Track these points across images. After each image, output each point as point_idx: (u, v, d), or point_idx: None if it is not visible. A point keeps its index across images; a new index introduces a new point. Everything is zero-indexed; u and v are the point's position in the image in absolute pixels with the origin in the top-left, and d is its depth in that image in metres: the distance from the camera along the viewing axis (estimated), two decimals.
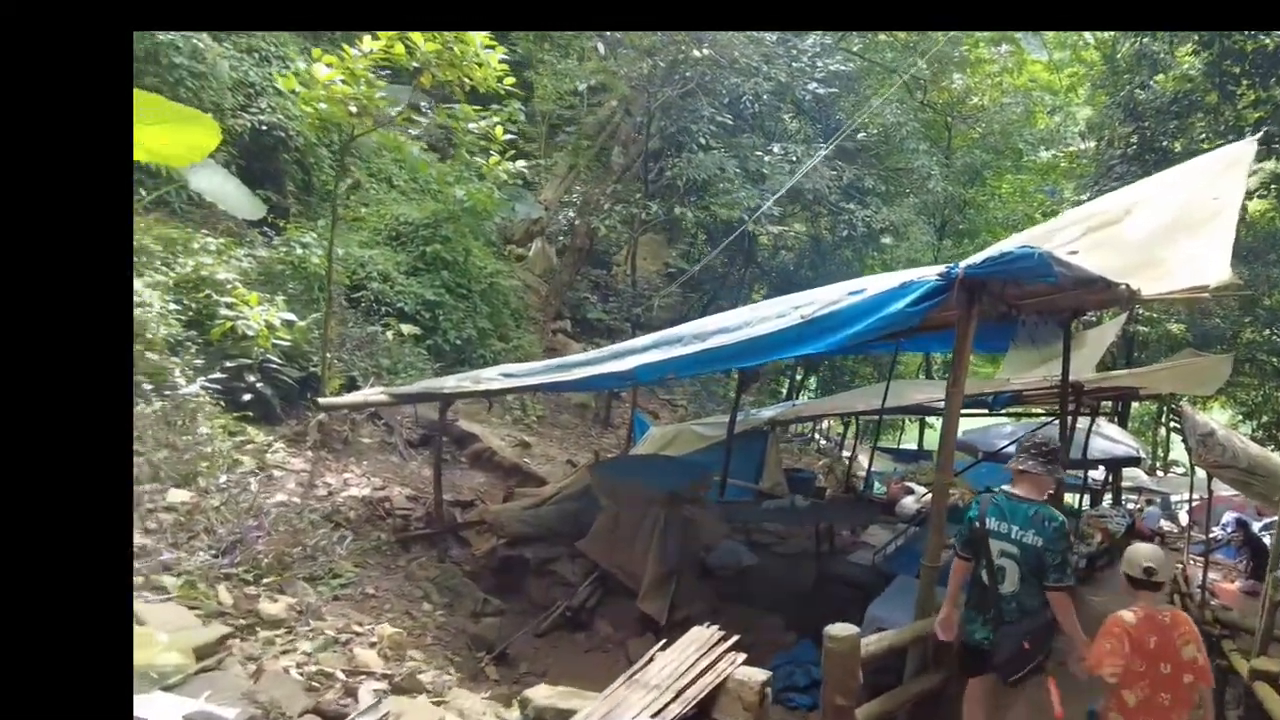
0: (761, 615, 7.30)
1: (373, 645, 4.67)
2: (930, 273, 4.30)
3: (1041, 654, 4.02)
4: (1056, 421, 7.79)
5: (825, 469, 16.54)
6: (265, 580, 5.05)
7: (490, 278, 12.92)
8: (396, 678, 4.34)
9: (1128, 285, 4.87)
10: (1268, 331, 18.57)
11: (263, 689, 3.51)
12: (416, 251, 11.70)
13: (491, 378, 6.51)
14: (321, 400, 6.89)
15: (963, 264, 4.28)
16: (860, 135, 15.28)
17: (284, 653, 4.22)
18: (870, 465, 20.27)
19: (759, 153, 14.11)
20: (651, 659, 4.07)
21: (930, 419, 26.66)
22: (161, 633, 3.70)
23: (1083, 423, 11.95)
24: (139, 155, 9.18)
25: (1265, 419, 27.63)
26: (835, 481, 15.49)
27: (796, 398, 21.32)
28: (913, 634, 4.45)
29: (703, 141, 13.35)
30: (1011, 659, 3.93)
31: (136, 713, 3.02)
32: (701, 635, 4.21)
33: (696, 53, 12.94)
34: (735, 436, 11.72)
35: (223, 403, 7.55)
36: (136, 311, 6.89)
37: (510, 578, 7.40)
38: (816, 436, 22.04)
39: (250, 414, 7.79)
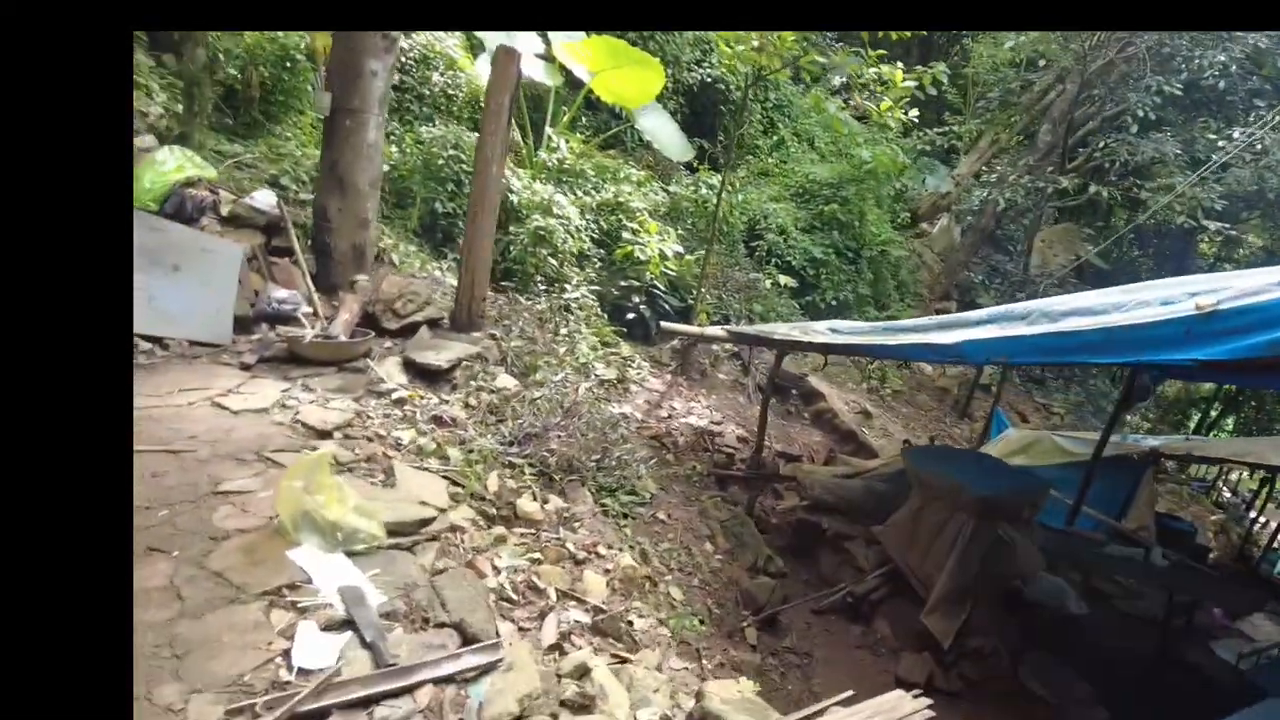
0: (1071, 680, 5.59)
1: (608, 572, 4.13)
2: None
3: None
4: None
5: (1217, 527, 12.68)
6: (548, 476, 4.67)
7: (882, 245, 11.53)
8: (603, 616, 3.62)
9: None
10: None
11: (439, 584, 3.00)
12: (815, 209, 10.75)
13: (820, 331, 5.48)
14: (664, 324, 6.48)
15: None
16: None
17: (510, 553, 3.66)
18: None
19: (1212, 135, 10.48)
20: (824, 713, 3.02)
21: None
22: (385, 501, 3.39)
23: None
24: (603, 95, 9.54)
25: None
26: (1226, 546, 11.78)
27: (1205, 434, 16.53)
28: None
29: (1141, 114, 10.15)
30: None
31: (305, 565, 2.81)
32: (901, 706, 3.03)
33: None
34: (1102, 460, 9.27)
35: (606, 316, 7.56)
36: (552, 222, 7.02)
37: (806, 543, 6.52)
38: (1220, 486, 16.96)
39: (626, 330, 7.73)
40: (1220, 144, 11.00)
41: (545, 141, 8.44)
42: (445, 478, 4.01)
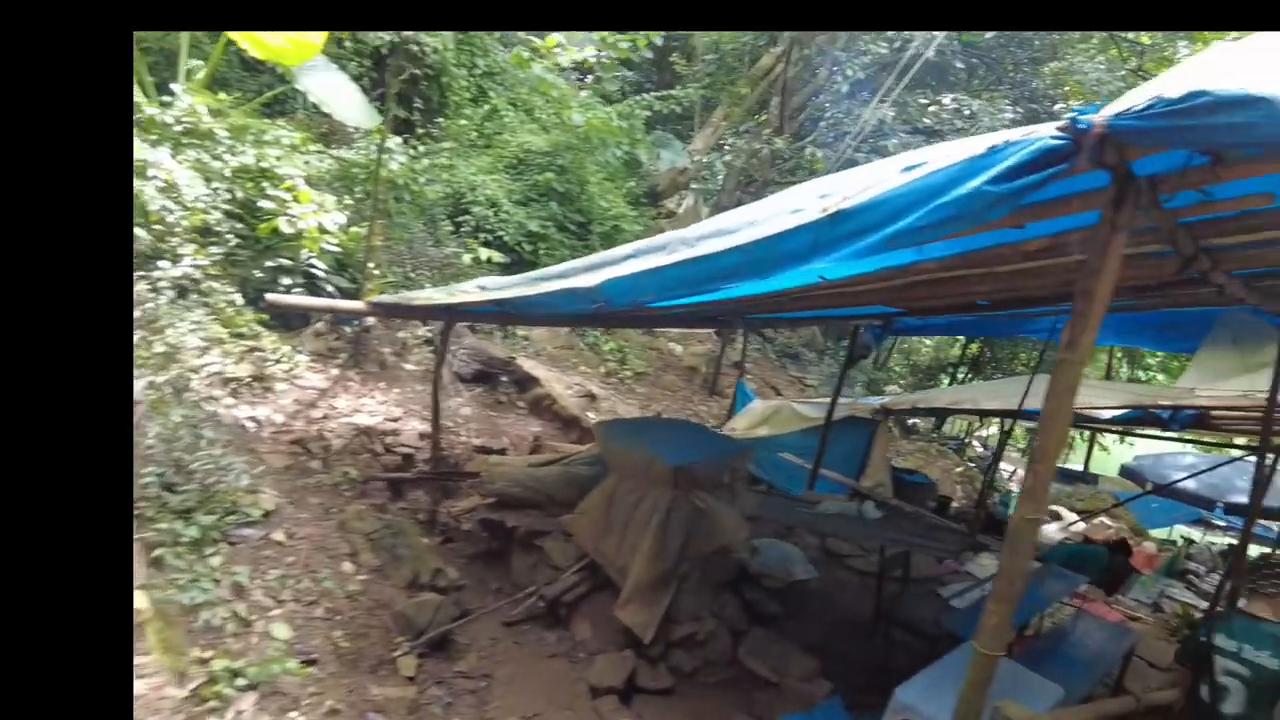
0: (794, 653, 5.32)
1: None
2: (1042, 131, 2.11)
3: None
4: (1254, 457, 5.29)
5: (960, 478, 13.71)
6: None
7: (614, 220, 11.24)
8: None
9: None
10: None
11: None
12: (530, 181, 10.22)
13: (466, 290, 4.77)
14: (270, 296, 5.46)
15: (1106, 109, 2.02)
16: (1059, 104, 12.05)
17: None
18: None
19: (924, 102, 11.32)
20: None
21: (1105, 437, 22.47)
22: None
23: None
24: (255, 49, 8.36)
25: None
26: (971, 494, 12.75)
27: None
28: None
29: (851, 74, 10.67)
30: None
31: None
32: None
33: None
34: (840, 423, 9.47)
35: (245, 302, 6.42)
36: (145, 187, 5.79)
37: (499, 546, 5.82)
38: (973, 442, 18.66)
39: (277, 321, 6.64)
40: (930, 109, 11.90)
41: (174, 100, 7.13)
42: None
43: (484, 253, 8.63)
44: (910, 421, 16.04)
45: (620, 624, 5.04)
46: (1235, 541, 5.65)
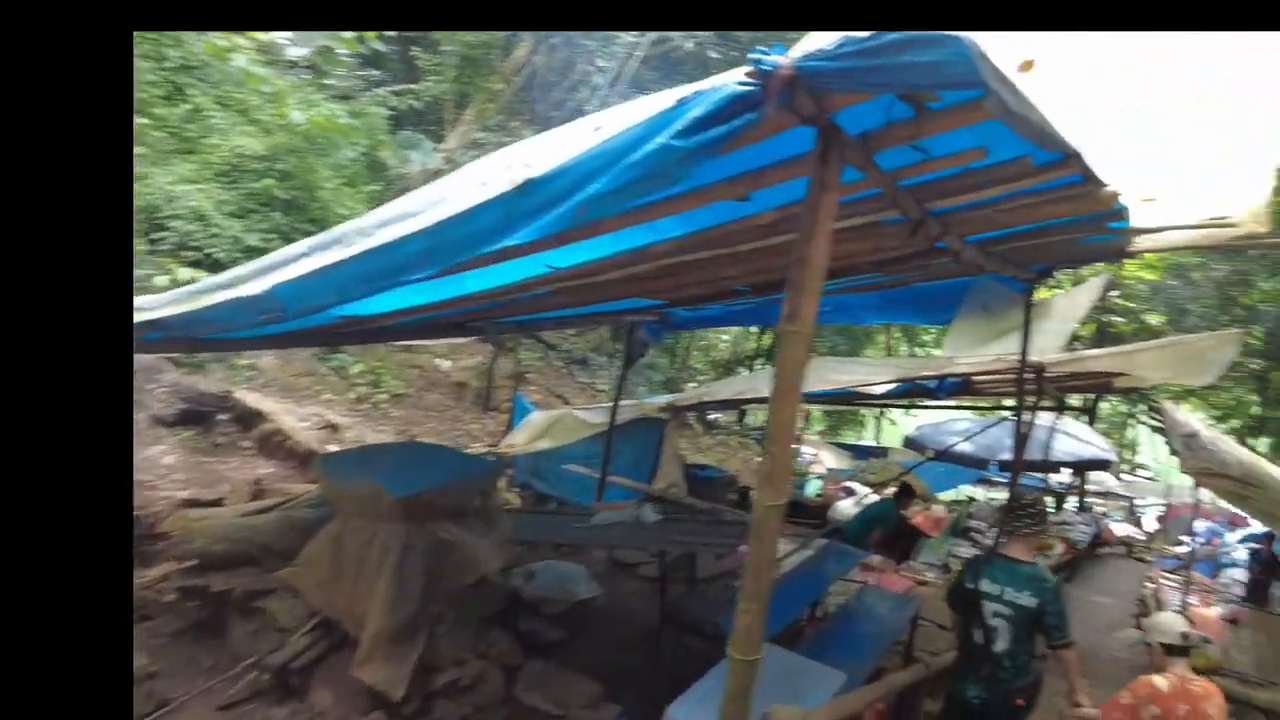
0: (577, 680, 4.82)
1: None
2: (729, 77, 1.98)
3: (1032, 710, 3.95)
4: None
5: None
6: None
7: None
8: None
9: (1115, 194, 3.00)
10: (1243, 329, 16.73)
11: None
12: (246, 189, 9.05)
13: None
14: None
15: (794, 49, 1.97)
16: None
17: None
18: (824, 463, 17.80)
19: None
20: None
21: (892, 412, 24.23)
22: None
23: (1048, 419, 9.71)
24: None
25: (1238, 424, 25.53)
26: None
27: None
28: None
29: (604, 65, 10.57)
30: (1005, 715, 3.86)
31: None
32: None
33: None
34: (627, 426, 9.16)
35: None
36: None
37: (214, 616, 4.82)
38: None
39: None
40: None
41: None
42: None
43: (185, 273, 7.41)
44: (712, 417, 16.22)
45: (364, 684, 4.27)
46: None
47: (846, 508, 10.71)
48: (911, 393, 10.16)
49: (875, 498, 13.99)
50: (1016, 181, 3.04)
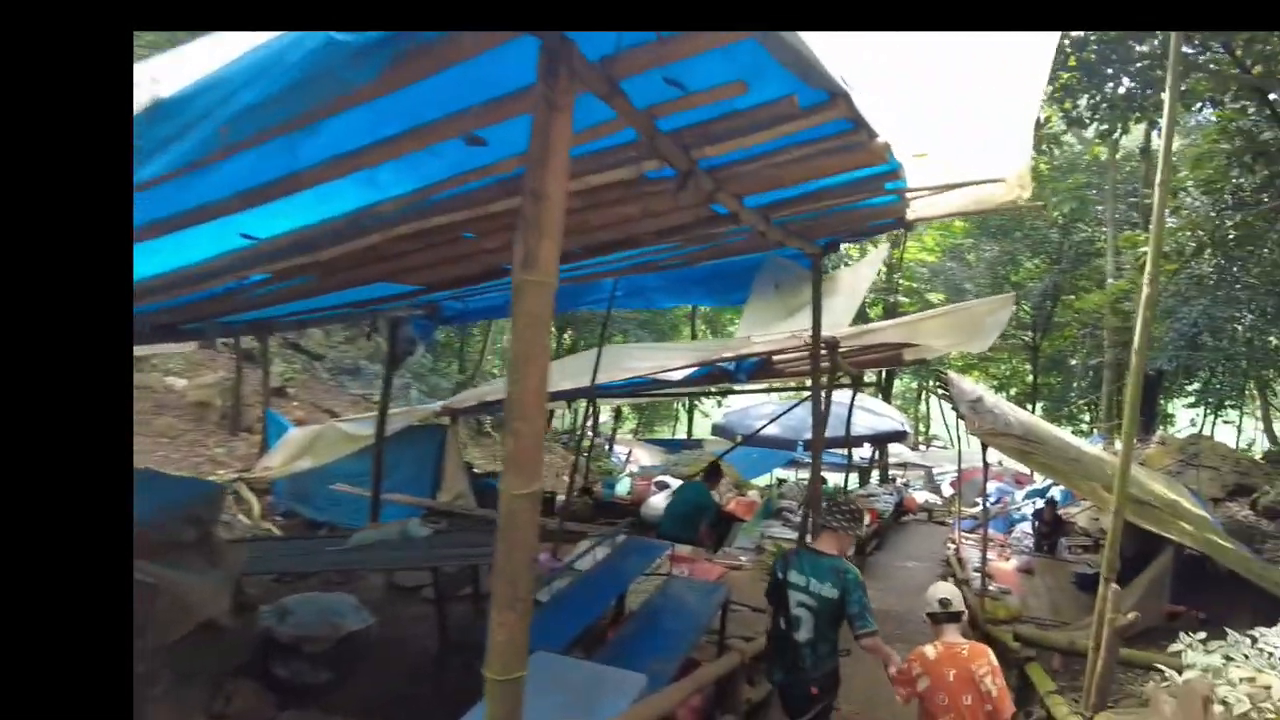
0: None
1: None
2: None
3: (829, 699, 4.09)
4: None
5: (570, 469, 13.46)
6: None
7: None
8: None
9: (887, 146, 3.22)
10: (1014, 307, 18.43)
11: None
12: None
13: None
14: None
15: None
16: None
17: None
18: (628, 461, 17.55)
19: None
20: None
21: (704, 402, 24.59)
22: None
23: (845, 396, 9.89)
24: None
25: (1015, 391, 28.35)
26: (575, 484, 12.50)
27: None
28: None
29: None
30: (801, 702, 4.04)
31: None
32: None
33: None
34: (401, 436, 8.29)
35: None
36: None
37: None
38: (589, 433, 18.94)
39: None
40: None
41: None
42: None
43: None
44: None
45: None
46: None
47: (659, 503, 10.44)
48: (715, 377, 10.03)
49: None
50: (785, 124, 2.93)
